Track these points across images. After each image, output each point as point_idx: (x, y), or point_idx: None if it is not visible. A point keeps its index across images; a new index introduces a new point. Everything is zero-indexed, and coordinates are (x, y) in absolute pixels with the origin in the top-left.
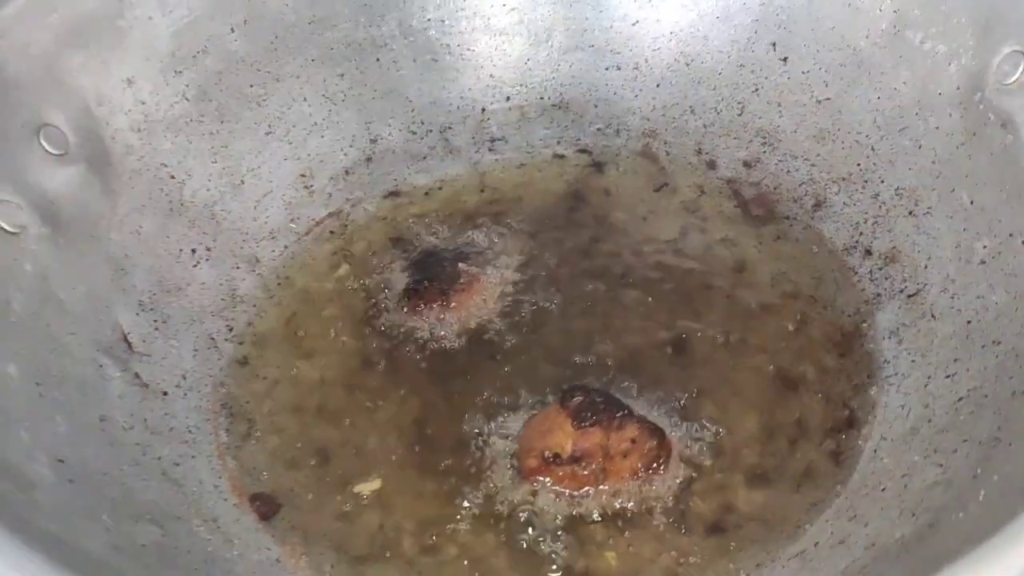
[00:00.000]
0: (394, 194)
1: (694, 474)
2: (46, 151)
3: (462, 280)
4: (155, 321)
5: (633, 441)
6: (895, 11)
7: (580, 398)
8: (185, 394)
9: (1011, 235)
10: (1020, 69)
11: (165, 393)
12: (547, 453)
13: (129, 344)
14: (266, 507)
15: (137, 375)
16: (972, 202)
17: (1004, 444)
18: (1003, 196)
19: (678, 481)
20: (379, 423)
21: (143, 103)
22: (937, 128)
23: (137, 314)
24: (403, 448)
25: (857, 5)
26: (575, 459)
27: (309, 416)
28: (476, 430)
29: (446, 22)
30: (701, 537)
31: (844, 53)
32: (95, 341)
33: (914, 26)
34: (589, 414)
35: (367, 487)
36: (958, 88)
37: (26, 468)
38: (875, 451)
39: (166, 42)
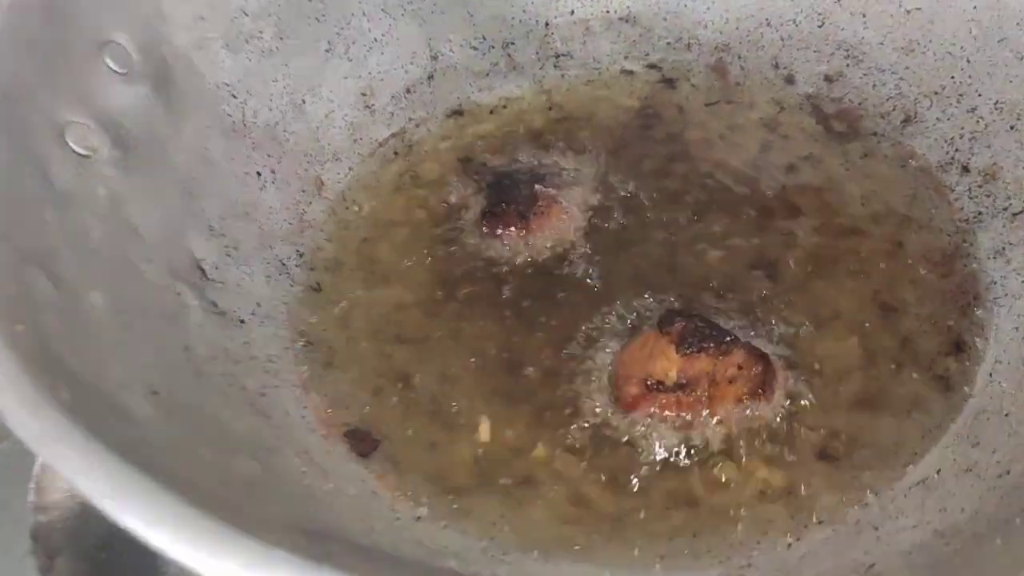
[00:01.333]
0: (457, 113)
1: (798, 400)
2: (111, 69)
3: (540, 203)
4: (226, 247)
5: (740, 367)
6: None
7: (683, 323)
8: (262, 322)
9: None
10: None
11: (242, 321)
12: (650, 380)
13: (203, 271)
14: (363, 444)
15: (214, 303)
16: None
17: None
18: None
19: (783, 407)
20: (463, 350)
21: (203, 19)
22: None
23: (208, 240)
24: (490, 375)
25: None
26: (680, 386)
27: (388, 343)
28: (566, 356)
29: None
30: (811, 463)
31: None
32: (171, 269)
33: None
34: (695, 340)
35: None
36: None
37: (125, 400)
38: (990, 375)
39: None
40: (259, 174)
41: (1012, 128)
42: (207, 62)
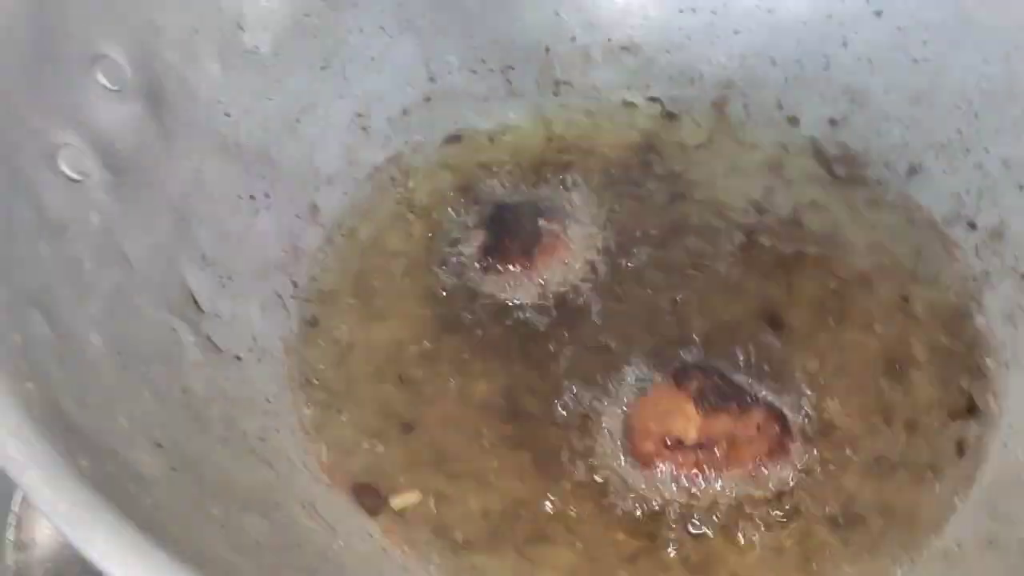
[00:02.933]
0: (455, 138)
1: (811, 461)
2: (104, 86)
3: (544, 239)
4: (220, 276)
5: (758, 427)
6: None
7: (702, 379)
8: (259, 358)
9: None
10: None
11: (238, 357)
12: (668, 437)
13: (197, 303)
14: (372, 501)
15: (209, 338)
16: None
17: None
18: None
19: (797, 470)
20: (466, 395)
21: (197, 31)
22: None
23: (202, 269)
24: (495, 423)
25: None
26: (699, 445)
27: (390, 385)
28: (574, 406)
29: None
30: (827, 530)
31: (947, 10)
32: (165, 301)
33: None
34: (717, 398)
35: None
36: None
37: (135, 457)
38: (1005, 444)
39: None
40: (252, 198)
41: (1021, 187)
42: (200, 78)
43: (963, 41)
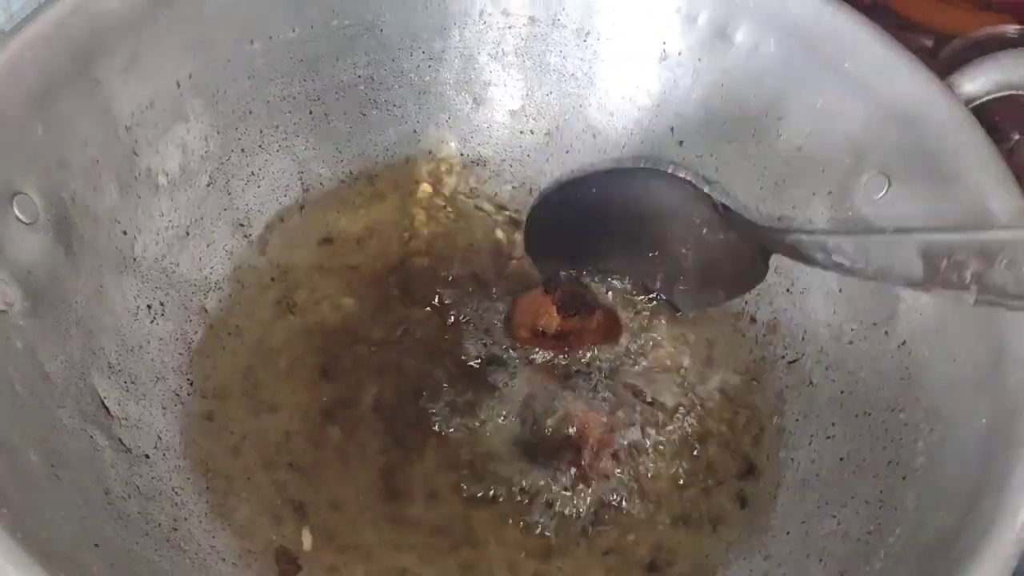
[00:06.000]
0: (327, 241)
1: (630, 516)
2: (19, 221)
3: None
4: (125, 383)
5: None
6: (780, 118)
7: (562, 292)
8: (164, 455)
9: (875, 324)
10: (884, 189)
11: (147, 456)
12: (537, 328)
13: (107, 409)
14: (289, 565)
15: (120, 441)
16: (840, 290)
17: (889, 508)
18: (868, 292)
19: (615, 524)
20: (351, 477)
21: (97, 161)
22: (810, 222)
23: (109, 377)
24: (376, 502)
25: (746, 110)
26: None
27: (282, 471)
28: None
29: (374, 79)
30: (641, 573)
31: (733, 146)
32: (81, 412)
33: (795, 135)
34: (572, 308)
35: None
36: (830, 192)
37: (83, 560)
38: (774, 497)
39: (119, 100)
40: (149, 307)
41: (788, 291)
42: (101, 202)
43: (744, 170)
